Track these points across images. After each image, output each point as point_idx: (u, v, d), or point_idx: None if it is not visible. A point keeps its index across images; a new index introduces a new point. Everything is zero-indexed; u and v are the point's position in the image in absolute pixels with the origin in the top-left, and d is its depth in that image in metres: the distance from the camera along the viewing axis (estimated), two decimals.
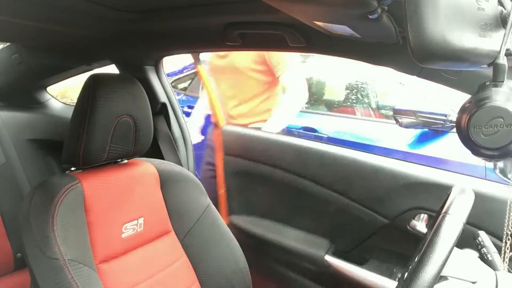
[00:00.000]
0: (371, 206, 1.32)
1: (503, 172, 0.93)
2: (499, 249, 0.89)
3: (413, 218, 1.36)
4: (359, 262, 1.42)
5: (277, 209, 1.58)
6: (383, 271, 1.36)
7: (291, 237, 1.53)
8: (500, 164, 0.94)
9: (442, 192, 1.12)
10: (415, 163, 1.45)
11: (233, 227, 1.62)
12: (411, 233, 1.34)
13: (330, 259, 1.45)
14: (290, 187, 1.47)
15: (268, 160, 1.51)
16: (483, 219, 1.15)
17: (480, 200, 1.15)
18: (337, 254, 1.46)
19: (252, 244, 1.56)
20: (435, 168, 1.41)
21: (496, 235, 1.09)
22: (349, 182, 1.45)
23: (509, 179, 0.93)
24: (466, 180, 1.31)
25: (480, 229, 1.06)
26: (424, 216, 1.35)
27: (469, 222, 1.10)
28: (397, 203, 1.36)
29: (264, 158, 1.53)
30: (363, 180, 1.43)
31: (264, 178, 1.55)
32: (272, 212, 1.57)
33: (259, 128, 1.89)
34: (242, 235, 1.58)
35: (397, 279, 1.28)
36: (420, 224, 1.34)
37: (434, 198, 1.22)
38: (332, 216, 1.47)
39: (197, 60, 1.92)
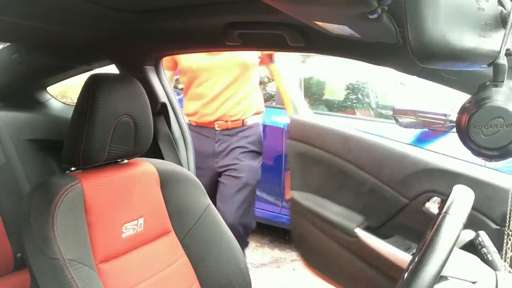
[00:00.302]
0: (396, 188, 1.51)
1: None
2: (498, 248, 0.90)
3: (428, 200, 1.52)
4: (386, 237, 1.61)
5: (325, 187, 1.82)
6: (401, 246, 1.54)
7: (333, 211, 1.76)
8: None
9: (454, 178, 1.40)
10: (433, 151, 1.63)
11: (293, 200, 1.88)
12: (425, 213, 1.50)
13: (358, 231, 1.65)
14: (336, 168, 1.72)
15: (322, 145, 1.77)
16: (483, 204, 1.29)
17: (481, 186, 1.32)
18: (369, 229, 1.66)
19: (304, 215, 1.84)
20: (450, 156, 1.55)
21: (494, 220, 1.28)
22: (381, 166, 1.64)
23: None
24: (476, 168, 1.43)
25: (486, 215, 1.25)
26: (436, 199, 1.50)
27: (477, 209, 1.27)
28: (416, 186, 1.52)
29: (318, 143, 1.80)
30: (390, 164, 1.61)
31: (317, 161, 1.81)
32: (321, 190, 1.82)
33: None
34: (298, 207, 1.86)
35: (411, 253, 1.49)
36: (433, 206, 1.51)
37: (446, 183, 1.40)
38: (366, 195, 1.66)
39: (270, 58, 2.13)
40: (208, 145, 2.12)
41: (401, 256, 1.53)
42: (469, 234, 1.02)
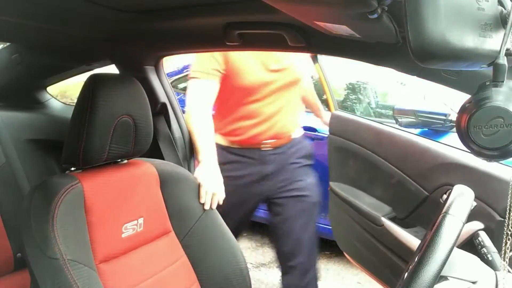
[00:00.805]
0: (418, 181, 1.57)
1: None
2: (498, 248, 0.90)
3: (445, 193, 1.51)
4: (409, 226, 1.67)
5: (360, 179, 1.89)
6: (419, 236, 1.58)
7: (366, 202, 1.82)
8: None
9: (469, 171, 1.43)
10: (451, 146, 1.64)
11: (331, 191, 1.98)
12: (443, 205, 1.52)
13: (384, 220, 1.70)
14: (369, 161, 1.79)
15: (357, 140, 1.85)
16: (486, 195, 1.30)
17: (484, 177, 1.35)
18: (395, 220, 1.72)
19: (340, 205, 1.93)
20: (465, 151, 1.55)
21: (498, 212, 1.29)
22: (405, 160, 1.69)
23: None
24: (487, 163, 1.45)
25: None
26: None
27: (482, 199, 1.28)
28: (435, 179, 1.56)
29: (354, 138, 1.88)
30: (414, 158, 1.66)
31: (353, 154, 1.88)
32: (356, 181, 1.90)
33: None
34: (336, 197, 1.95)
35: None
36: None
37: (461, 176, 1.44)
38: (394, 187, 1.72)
39: (314, 58, 2.15)
40: (254, 168, 1.83)
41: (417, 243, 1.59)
42: (476, 225, 1.04)
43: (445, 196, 1.54)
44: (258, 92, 1.77)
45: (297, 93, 1.94)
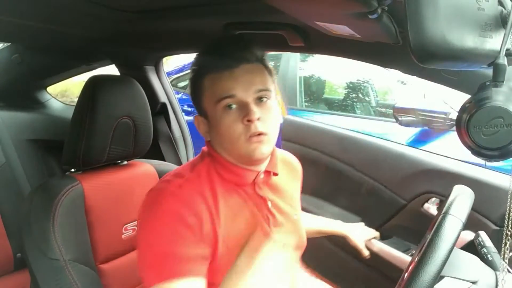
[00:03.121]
0: (393, 189, 1.48)
1: None
2: (498, 249, 0.89)
3: (426, 202, 1.50)
4: (384, 238, 1.57)
5: (322, 188, 1.81)
6: (400, 247, 1.52)
7: (331, 213, 1.72)
8: None
9: (453, 178, 1.36)
10: (431, 152, 1.61)
11: None
12: (424, 214, 1.49)
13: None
14: (332, 170, 1.70)
15: (316, 146, 1.76)
16: (484, 205, 1.27)
17: (482, 187, 1.30)
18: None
19: None
20: (448, 157, 1.54)
21: (495, 222, 1.26)
22: (377, 166, 1.63)
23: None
24: (475, 169, 1.42)
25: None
26: (435, 200, 1.49)
27: (476, 209, 1.21)
28: (413, 187, 1.50)
29: (313, 144, 1.79)
30: (388, 165, 1.60)
31: (313, 162, 1.79)
32: (318, 191, 1.80)
33: None
34: None
35: (410, 254, 1.48)
36: (432, 207, 1.49)
37: (445, 184, 1.37)
38: (363, 196, 1.65)
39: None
40: None
41: (399, 257, 1.51)
42: (468, 235, 1.02)
43: (427, 205, 1.50)
44: None
45: None
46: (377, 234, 1.44)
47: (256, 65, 0.92)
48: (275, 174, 1.02)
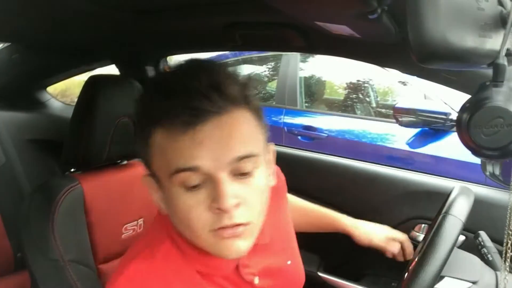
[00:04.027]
0: (367, 217, 1.18)
1: (493, 175, 0.91)
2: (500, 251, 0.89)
3: (413, 229, 1.29)
4: (355, 277, 1.34)
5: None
6: (381, 286, 1.29)
7: None
8: (490, 168, 0.92)
9: (443, 200, 1.04)
10: (413, 170, 1.40)
11: None
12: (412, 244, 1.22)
13: (324, 275, 1.36)
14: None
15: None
16: (484, 225, 1.11)
17: (481, 206, 1.14)
18: (328, 269, 1.37)
19: None
20: (435, 175, 1.36)
21: (499, 241, 1.00)
22: (342, 192, 1.39)
23: (502, 182, 0.91)
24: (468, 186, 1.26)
25: None
26: (425, 227, 1.28)
27: (469, 229, 1.09)
28: (396, 213, 1.29)
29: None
30: (358, 190, 1.37)
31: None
32: None
33: None
34: None
35: None
36: (421, 236, 1.27)
37: (435, 207, 1.09)
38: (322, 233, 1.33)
39: None
40: None
41: None
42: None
43: (415, 232, 1.25)
44: None
45: None
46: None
47: (236, 114, 0.61)
48: (266, 244, 0.76)
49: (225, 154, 0.59)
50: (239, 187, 0.60)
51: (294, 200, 1.13)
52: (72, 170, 1.13)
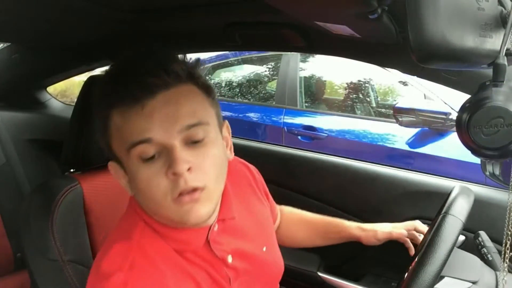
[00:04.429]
0: (366, 217, 1.21)
1: (493, 175, 0.91)
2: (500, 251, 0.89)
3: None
4: (354, 277, 1.34)
5: None
6: (381, 286, 1.28)
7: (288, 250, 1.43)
8: (490, 168, 0.91)
9: (443, 200, 1.03)
10: (413, 170, 1.41)
11: None
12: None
13: (324, 275, 1.36)
14: (275, 199, 1.23)
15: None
16: (484, 225, 1.11)
17: (481, 206, 1.15)
18: (328, 269, 1.38)
19: None
20: (435, 175, 1.37)
21: (499, 242, 1.03)
22: (342, 192, 1.39)
23: (502, 182, 0.91)
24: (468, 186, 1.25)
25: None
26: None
27: (469, 229, 1.09)
28: (396, 213, 1.29)
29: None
30: (358, 190, 1.38)
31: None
32: None
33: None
34: None
35: None
36: (421, 236, 1.21)
37: (435, 207, 1.09)
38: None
39: None
40: None
41: None
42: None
43: (415, 233, 1.17)
44: None
45: None
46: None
47: (182, 89, 0.68)
48: (233, 219, 0.80)
49: (174, 124, 0.65)
50: (192, 153, 0.65)
51: (301, 214, 1.15)
52: (72, 170, 1.13)
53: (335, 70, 3.45)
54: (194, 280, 0.72)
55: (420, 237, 1.06)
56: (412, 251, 1.06)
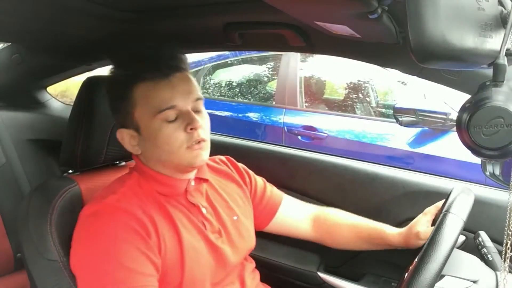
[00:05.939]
0: (366, 217, 1.18)
1: (493, 175, 0.91)
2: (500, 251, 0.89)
3: None
4: (354, 277, 1.33)
5: None
6: (381, 286, 1.28)
7: (280, 254, 1.43)
8: (490, 168, 0.91)
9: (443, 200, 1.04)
10: (413, 170, 1.41)
11: None
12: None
13: (323, 275, 1.35)
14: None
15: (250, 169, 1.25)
16: (484, 225, 1.11)
17: (481, 206, 1.14)
18: (328, 269, 1.38)
19: None
20: (435, 175, 1.37)
21: (499, 242, 0.99)
22: (342, 193, 1.39)
23: (502, 182, 0.91)
24: (468, 186, 1.20)
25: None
26: None
27: (469, 229, 1.08)
28: (396, 212, 1.29)
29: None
30: (357, 190, 1.38)
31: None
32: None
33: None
34: None
35: None
36: None
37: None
38: None
39: None
40: None
41: None
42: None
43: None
44: None
45: None
46: None
47: (187, 73, 0.94)
48: (205, 181, 1.03)
49: (190, 96, 0.91)
50: (198, 118, 0.90)
51: (345, 217, 1.19)
52: (70, 171, 1.13)
53: (335, 70, 3.45)
54: (170, 217, 0.91)
55: None
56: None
